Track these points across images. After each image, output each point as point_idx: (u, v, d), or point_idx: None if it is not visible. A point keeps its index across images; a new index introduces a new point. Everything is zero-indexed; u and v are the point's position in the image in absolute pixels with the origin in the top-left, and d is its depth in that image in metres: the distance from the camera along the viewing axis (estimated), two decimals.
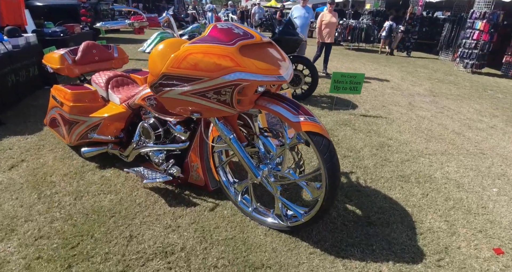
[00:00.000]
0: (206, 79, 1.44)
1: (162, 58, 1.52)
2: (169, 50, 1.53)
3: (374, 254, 1.89)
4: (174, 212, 2.13)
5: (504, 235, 2.14)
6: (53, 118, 2.76)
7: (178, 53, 1.46)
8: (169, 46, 1.56)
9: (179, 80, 1.49)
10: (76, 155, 2.82)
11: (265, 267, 1.74)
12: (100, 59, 2.83)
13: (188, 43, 1.50)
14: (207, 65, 1.41)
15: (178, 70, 1.46)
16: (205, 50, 1.43)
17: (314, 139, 1.56)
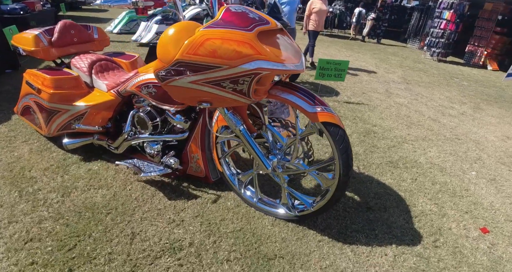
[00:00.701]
0: (225, 67, 1.34)
1: (176, 44, 1.38)
2: (183, 34, 1.39)
3: (378, 238, 1.96)
4: (176, 205, 2.04)
5: (487, 215, 2.33)
6: (27, 107, 2.47)
7: (195, 38, 1.34)
8: (182, 30, 1.42)
9: (194, 67, 1.38)
10: (54, 147, 2.58)
11: (278, 257, 1.74)
12: (79, 41, 2.54)
13: (202, 27, 1.38)
14: (227, 52, 1.31)
15: (194, 56, 1.34)
16: (223, 36, 1.32)
17: (331, 130, 1.55)
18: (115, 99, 2.17)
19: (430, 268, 1.80)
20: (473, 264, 1.87)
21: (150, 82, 1.82)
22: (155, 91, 1.82)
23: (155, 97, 1.84)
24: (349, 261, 1.77)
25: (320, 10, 5.77)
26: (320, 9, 5.77)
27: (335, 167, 1.64)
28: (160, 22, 6.52)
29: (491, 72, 8.40)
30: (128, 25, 7.68)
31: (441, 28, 8.33)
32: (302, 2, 10.52)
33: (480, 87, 6.54)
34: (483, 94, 5.94)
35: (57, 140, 2.61)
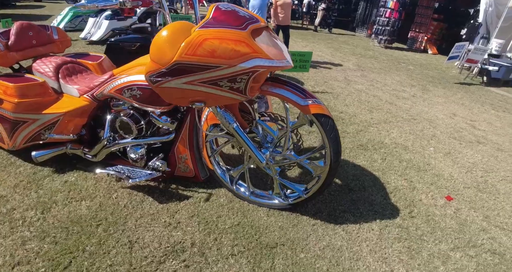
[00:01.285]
0: (225, 66, 1.35)
1: (172, 45, 1.35)
2: (179, 35, 1.37)
3: (363, 216, 2.14)
4: (168, 208, 2.01)
5: (448, 185, 2.65)
6: None
7: (193, 39, 1.32)
8: (177, 31, 1.39)
9: (192, 68, 1.36)
10: (20, 160, 2.35)
11: (279, 245, 1.82)
12: (39, 43, 2.31)
13: (197, 27, 1.36)
14: (225, 51, 1.32)
15: (193, 57, 1.33)
16: (220, 36, 1.32)
17: (322, 120, 1.64)
18: (90, 104, 2.04)
19: (411, 236, 2.02)
20: (444, 228, 2.13)
21: (134, 84, 1.75)
22: (140, 93, 1.75)
23: (140, 99, 1.78)
24: (343, 239, 1.91)
25: (284, 3, 5.74)
26: (284, 2, 5.74)
27: (326, 155, 1.75)
28: (111, 18, 6.11)
29: (431, 56, 9.29)
30: (73, 22, 7.05)
31: (386, 17, 8.97)
32: None
33: (424, 70, 7.22)
34: (428, 77, 6.57)
35: (21, 154, 2.39)
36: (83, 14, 7.17)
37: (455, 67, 7.60)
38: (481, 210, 2.37)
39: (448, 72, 7.21)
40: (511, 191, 2.67)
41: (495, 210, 2.40)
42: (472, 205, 2.42)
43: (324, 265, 1.73)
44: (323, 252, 1.81)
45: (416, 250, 1.92)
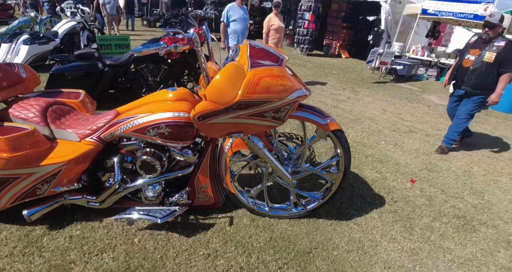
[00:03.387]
0: (276, 100, 1.50)
1: (233, 86, 1.44)
2: (236, 77, 1.46)
3: (362, 208, 2.52)
4: (199, 240, 2.02)
5: (407, 170, 3.26)
6: None
7: (250, 79, 1.44)
8: (233, 73, 1.48)
9: (250, 104, 1.48)
10: (2, 224, 2.01)
11: (313, 249, 2.03)
12: (8, 85, 2.01)
13: (248, 67, 1.48)
14: (276, 87, 1.48)
15: (253, 95, 1.46)
16: (269, 73, 1.48)
17: (338, 135, 1.93)
18: (95, 148, 1.90)
19: (402, 217, 2.47)
20: (420, 206, 2.65)
21: (161, 122, 1.73)
22: (169, 130, 1.74)
23: (168, 136, 1.77)
24: (358, 231, 2.24)
25: (279, 27, 5.52)
26: (278, 26, 5.52)
27: (340, 163, 2.04)
28: (30, 42, 5.34)
29: (345, 59, 10.72)
30: None
31: (304, 28, 10.02)
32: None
33: (346, 73, 8.33)
34: (351, 79, 7.63)
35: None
36: None
37: (366, 68, 8.98)
38: (437, 186, 3.01)
39: (364, 74, 8.49)
40: (449, 168, 3.43)
41: (445, 184, 3.07)
42: (430, 183, 3.05)
43: (355, 256, 2.02)
44: (349, 246, 2.09)
45: (410, 227, 2.37)
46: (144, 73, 4.20)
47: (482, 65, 3.34)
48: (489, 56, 3.30)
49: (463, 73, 3.49)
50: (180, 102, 1.84)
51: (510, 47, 3.24)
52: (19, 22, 6.94)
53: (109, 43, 5.27)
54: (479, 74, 3.36)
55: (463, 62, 3.53)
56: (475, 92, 3.43)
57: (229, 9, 4.94)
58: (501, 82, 3.33)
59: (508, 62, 3.25)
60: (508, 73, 3.28)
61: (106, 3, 8.43)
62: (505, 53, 3.24)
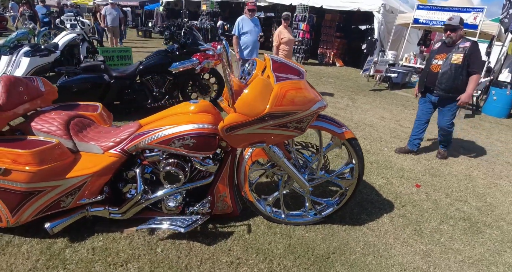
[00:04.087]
0: (301, 111, 1.59)
1: (262, 100, 1.53)
2: (265, 90, 1.55)
3: (373, 213, 2.60)
4: (221, 248, 2.07)
5: (411, 175, 3.37)
6: None
7: (278, 92, 1.53)
8: (262, 87, 1.57)
9: (277, 116, 1.56)
10: (16, 238, 2.01)
11: (331, 254, 2.09)
12: (29, 98, 2.05)
13: (274, 81, 1.57)
14: (301, 99, 1.58)
15: (280, 107, 1.55)
16: (294, 86, 1.57)
17: (353, 143, 2.02)
18: (119, 160, 1.95)
19: (411, 220, 2.56)
20: (427, 209, 2.75)
21: (187, 134, 1.79)
22: (194, 142, 1.81)
23: (193, 147, 1.83)
24: (372, 236, 2.31)
25: (289, 39, 5.53)
26: (289, 39, 5.52)
27: (355, 170, 2.13)
28: (31, 54, 5.36)
29: (340, 68, 10.97)
30: None
31: (300, 37, 10.25)
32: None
33: (342, 81, 8.53)
34: (348, 87, 7.81)
35: (15, 230, 2.04)
36: None
37: (361, 76, 9.21)
38: (441, 190, 3.12)
39: (360, 81, 8.70)
40: (451, 172, 3.56)
41: (449, 188, 3.18)
42: (434, 187, 3.16)
43: (372, 259, 2.09)
44: (365, 250, 2.16)
45: (420, 230, 2.45)
46: (149, 84, 4.26)
47: (451, 67, 3.34)
48: (456, 58, 3.30)
49: (433, 78, 3.47)
50: (203, 114, 1.91)
51: (475, 47, 3.29)
52: (18, 34, 6.94)
53: (111, 54, 5.33)
54: (449, 77, 3.35)
55: (432, 68, 3.51)
56: (448, 95, 3.43)
57: (240, 21, 5.04)
58: (471, 83, 3.33)
59: (475, 62, 3.28)
60: (477, 73, 3.31)
61: (107, 14, 8.27)
62: (472, 54, 3.26)
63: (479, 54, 3.35)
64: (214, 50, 1.65)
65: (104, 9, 8.23)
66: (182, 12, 14.18)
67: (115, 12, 8.43)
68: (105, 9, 8.27)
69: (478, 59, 3.30)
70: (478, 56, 3.32)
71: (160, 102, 4.34)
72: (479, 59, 3.34)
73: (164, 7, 14.73)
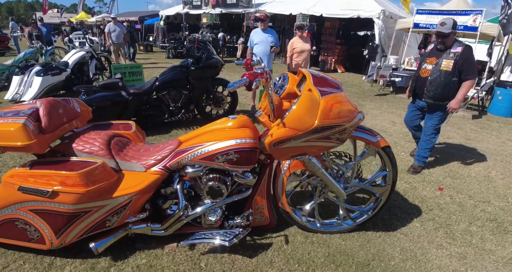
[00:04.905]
0: (345, 123, 1.65)
1: (311, 114, 1.60)
2: (313, 105, 1.62)
3: (402, 218, 2.64)
4: (263, 259, 2.10)
5: (432, 179, 3.42)
6: (6, 221, 1.88)
7: (325, 106, 1.60)
8: (310, 102, 1.63)
9: (324, 129, 1.62)
10: (57, 259, 2.01)
11: (371, 261, 2.13)
12: (68, 120, 2.10)
13: (319, 95, 1.64)
14: (345, 112, 1.65)
15: (327, 120, 1.62)
16: (338, 100, 1.65)
17: (387, 151, 2.08)
18: (161, 177, 1.99)
19: (441, 224, 2.60)
20: (454, 212, 2.80)
21: (230, 149, 1.85)
22: (238, 156, 1.86)
23: (236, 162, 1.88)
24: (406, 241, 2.35)
25: (301, 49, 5.37)
26: (301, 49, 5.37)
27: (389, 177, 2.18)
28: (43, 73, 5.43)
29: (342, 74, 11.12)
30: None
31: None
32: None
33: (347, 87, 8.64)
34: (353, 93, 7.92)
35: (55, 252, 2.05)
36: None
37: (364, 81, 9.33)
38: (464, 192, 3.17)
39: (364, 87, 8.82)
40: (470, 174, 3.61)
41: (470, 189, 3.23)
42: (456, 190, 3.21)
43: (412, 264, 2.13)
44: (403, 255, 2.20)
45: (451, 233, 2.50)
46: (165, 99, 4.33)
47: (440, 74, 3.12)
48: (446, 64, 3.08)
49: (422, 84, 3.27)
50: (243, 129, 1.96)
51: (468, 52, 3.05)
52: (26, 53, 7.06)
53: (123, 71, 5.42)
54: (438, 84, 3.13)
55: (421, 72, 3.31)
56: (437, 103, 3.21)
57: (252, 34, 5.19)
58: (463, 88, 3.10)
59: (468, 68, 3.04)
60: (471, 79, 3.07)
61: (111, 31, 8.36)
62: (464, 60, 3.03)
63: (472, 59, 3.12)
64: (262, 69, 1.72)
65: (107, 26, 8.35)
66: (182, 25, 14.40)
67: (118, 28, 8.46)
68: (108, 26, 8.36)
69: (471, 65, 3.07)
70: (472, 61, 3.09)
71: (177, 117, 4.41)
72: (473, 64, 3.10)
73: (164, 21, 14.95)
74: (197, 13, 13.92)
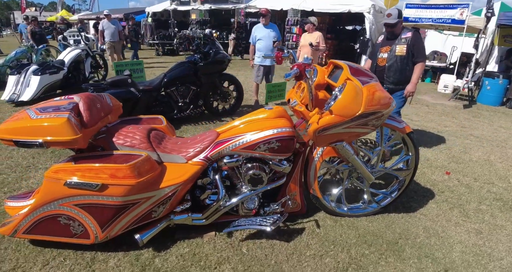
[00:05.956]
0: (384, 110, 1.77)
1: (357, 101, 1.70)
2: (357, 93, 1.72)
3: (419, 200, 2.82)
4: (300, 242, 2.21)
5: (438, 164, 3.63)
6: (50, 217, 1.90)
7: (368, 94, 1.71)
8: (355, 91, 1.73)
9: (367, 115, 1.73)
10: (101, 254, 2.04)
11: (398, 239, 2.29)
12: (105, 114, 2.12)
13: (360, 84, 1.75)
14: (384, 99, 1.77)
15: (371, 107, 1.74)
16: (377, 88, 1.77)
17: (411, 136, 2.22)
18: (202, 167, 2.06)
19: (454, 204, 2.80)
20: (463, 193, 3.00)
21: (272, 138, 1.94)
22: (279, 145, 1.95)
23: (277, 150, 1.97)
24: (427, 220, 2.53)
25: (303, 45, 5.38)
26: (302, 44, 5.39)
27: (411, 161, 2.34)
28: (41, 72, 5.30)
29: None
30: None
31: (293, 41, 10.55)
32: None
33: None
34: None
35: (94, 247, 2.06)
36: None
37: None
38: (469, 175, 3.39)
39: None
40: (471, 158, 3.85)
41: (475, 173, 3.46)
42: (462, 173, 3.43)
43: (436, 240, 2.30)
44: (426, 233, 2.37)
45: (465, 212, 2.69)
46: (174, 95, 4.34)
47: (396, 59, 3.28)
48: (400, 49, 3.25)
49: (381, 72, 3.40)
50: (281, 118, 2.05)
51: (417, 36, 3.25)
52: (17, 53, 6.83)
53: (124, 68, 5.35)
54: (396, 69, 3.30)
55: (378, 61, 3.45)
56: (398, 88, 3.38)
57: (255, 29, 5.21)
58: (415, 72, 3.29)
59: (418, 51, 3.23)
60: (421, 62, 3.27)
61: (105, 28, 7.88)
62: (414, 44, 3.21)
63: (421, 43, 3.30)
64: (307, 60, 1.81)
65: (101, 24, 7.95)
66: (170, 22, 14.21)
67: (113, 25, 8.01)
68: (102, 24, 7.95)
69: (420, 48, 3.25)
70: (421, 45, 3.27)
71: (186, 112, 4.43)
72: (422, 48, 3.28)
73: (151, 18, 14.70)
74: (186, 10, 13.76)
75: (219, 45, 4.49)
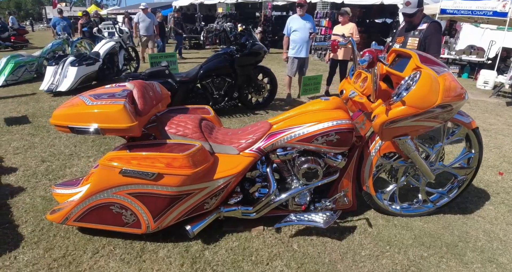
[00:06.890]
0: (459, 101, 1.64)
1: (434, 92, 1.59)
2: (434, 83, 1.60)
3: (474, 201, 2.65)
4: (353, 241, 2.12)
5: (489, 163, 3.41)
6: (103, 205, 1.89)
7: (445, 84, 1.58)
8: (432, 81, 1.62)
9: (444, 106, 1.61)
10: (150, 244, 2.02)
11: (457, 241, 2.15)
12: (156, 102, 2.10)
13: (432, 72, 1.62)
14: (460, 89, 1.64)
15: (448, 98, 1.62)
16: (452, 78, 1.63)
17: (476, 132, 2.07)
18: (254, 159, 2.00)
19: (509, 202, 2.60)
20: None
21: (331, 130, 1.85)
22: (338, 137, 1.86)
23: (336, 143, 1.88)
24: (485, 223, 2.37)
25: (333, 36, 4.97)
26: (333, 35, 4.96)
27: (474, 158, 2.17)
28: (78, 64, 5.43)
29: None
30: (15, 73, 5.95)
31: (322, 34, 10.30)
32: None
33: None
34: None
35: (142, 237, 2.05)
36: (26, 63, 6.13)
37: None
38: None
39: None
40: None
41: None
42: None
43: (498, 244, 2.16)
44: (486, 236, 2.22)
45: None
46: (209, 87, 4.31)
47: None
48: (412, 43, 2.95)
49: None
50: (338, 110, 1.95)
51: (432, 28, 2.90)
52: (53, 45, 7.04)
53: (159, 60, 5.39)
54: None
55: None
56: None
57: (290, 20, 5.07)
58: None
59: (432, 44, 2.89)
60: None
61: (140, 21, 7.59)
62: (428, 36, 2.89)
63: (436, 36, 2.92)
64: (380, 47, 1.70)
65: (136, 16, 7.80)
66: (196, 16, 14.23)
67: (149, 18, 7.67)
68: (137, 16, 7.73)
69: (433, 42, 2.89)
70: (434, 39, 2.90)
71: (220, 105, 4.40)
72: (435, 42, 2.92)
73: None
74: (212, 3, 13.72)
75: (255, 37, 4.40)
